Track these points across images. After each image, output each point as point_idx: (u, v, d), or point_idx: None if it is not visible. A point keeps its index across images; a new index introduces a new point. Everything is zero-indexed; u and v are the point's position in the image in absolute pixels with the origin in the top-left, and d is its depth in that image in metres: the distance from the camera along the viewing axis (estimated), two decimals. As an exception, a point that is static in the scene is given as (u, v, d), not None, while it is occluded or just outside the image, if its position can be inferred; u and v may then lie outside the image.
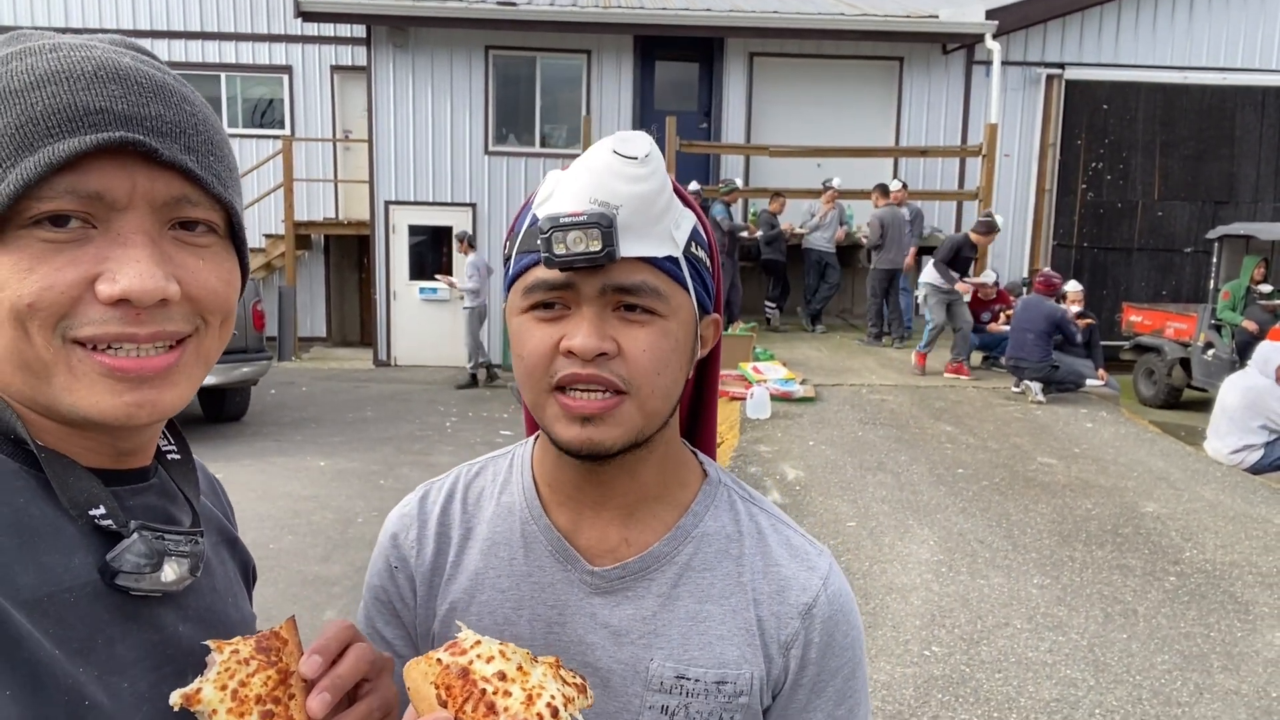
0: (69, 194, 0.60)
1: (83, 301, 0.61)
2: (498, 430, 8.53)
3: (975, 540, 4.95)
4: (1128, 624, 4.06)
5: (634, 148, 0.77)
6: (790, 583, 0.86)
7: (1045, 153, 12.54)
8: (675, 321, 0.79)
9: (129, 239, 0.62)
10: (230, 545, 0.84)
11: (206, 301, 0.66)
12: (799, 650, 0.85)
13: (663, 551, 0.86)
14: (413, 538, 0.93)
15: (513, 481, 0.93)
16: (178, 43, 13.50)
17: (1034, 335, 7.84)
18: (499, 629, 0.86)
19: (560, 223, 0.74)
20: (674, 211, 0.79)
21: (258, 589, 0.80)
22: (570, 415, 0.77)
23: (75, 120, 0.60)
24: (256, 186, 13.23)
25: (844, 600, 0.88)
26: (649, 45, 12.17)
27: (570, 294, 0.76)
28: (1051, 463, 6.32)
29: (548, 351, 0.77)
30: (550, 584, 0.87)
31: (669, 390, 0.80)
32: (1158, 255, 12.97)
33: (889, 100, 12.35)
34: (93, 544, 0.63)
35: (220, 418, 8.65)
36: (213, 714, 0.60)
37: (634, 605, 0.85)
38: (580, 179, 0.77)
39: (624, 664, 0.84)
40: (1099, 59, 12.45)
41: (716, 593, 0.86)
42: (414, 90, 12.03)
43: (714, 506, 0.90)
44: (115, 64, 0.64)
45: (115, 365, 0.62)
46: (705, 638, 0.84)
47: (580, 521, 0.87)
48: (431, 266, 12.43)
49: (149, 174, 0.63)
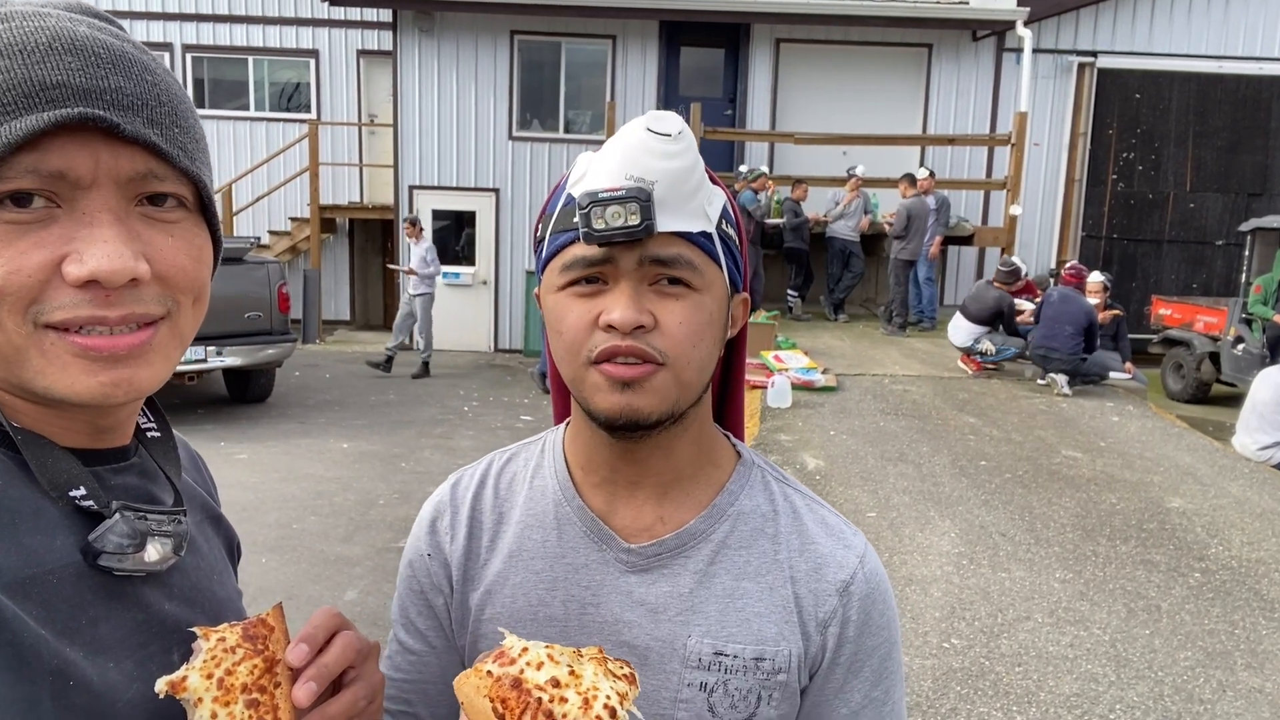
0: (30, 174, 0.58)
1: (51, 285, 0.59)
2: (518, 415, 8.57)
3: (997, 533, 4.92)
4: (1151, 620, 4.02)
5: (667, 125, 0.78)
6: (827, 560, 0.86)
7: (1075, 142, 12.37)
8: (709, 296, 0.80)
9: (95, 218, 0.60)
10: (214, 522, 0.83)
11: (177, 280, 0.65)
12: (836, 628, 0.85)
13: (699, 529, 0.86)
14: (446, 524, 0.93)
15: (544, 466, 0.93)
16: (206, 26, 13.58)
17: (1072, 329, 7.74)
18: (533, 609, 0.87)
19: (599, 198, 0.75)
20: (706, 189, 0.80)
21: (280, 568, 0.80)
22: (611, 383, 0.77)
23: (31, 96, 0.58)
24: (283, 170, 13.31)
25: (880, 579, 0.88)
26: (674, 31, 12.10)
27: (608, 269, 0.77)
28: (1076, 456, 6.26)
29: (587, 326, 0.78)
30: (585, 564, 0.87)
31: (703, 363, 0.81)
32: (1188, 247, 12.77)
33: (917, 88, 12.22)
34: (74, 525, 0.62)
35: (245, 399, 8.73)
36: (198, 702, 0.59)
37: (670, 582, 0.85)
38: (615, 157, 0.78)
39: (661, 641, 0.84)
40: (1132, 47, 12.24)
41: (753, 570, 0.86)
42: (439, 75, 12.04)
43: (749, 486, 0.90)
44: (71, 34, 0.61)
45: (88, 345, 0.61)
46: (743, 614, 0.84)
47: (615, 501, 0.88)
48: (455, 251, 12.47)
49: (112, 150, 0.60)
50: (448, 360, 11.72)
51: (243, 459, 6.68)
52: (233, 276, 7.98)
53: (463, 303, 12.50)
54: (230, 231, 12.64)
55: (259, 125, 13.76)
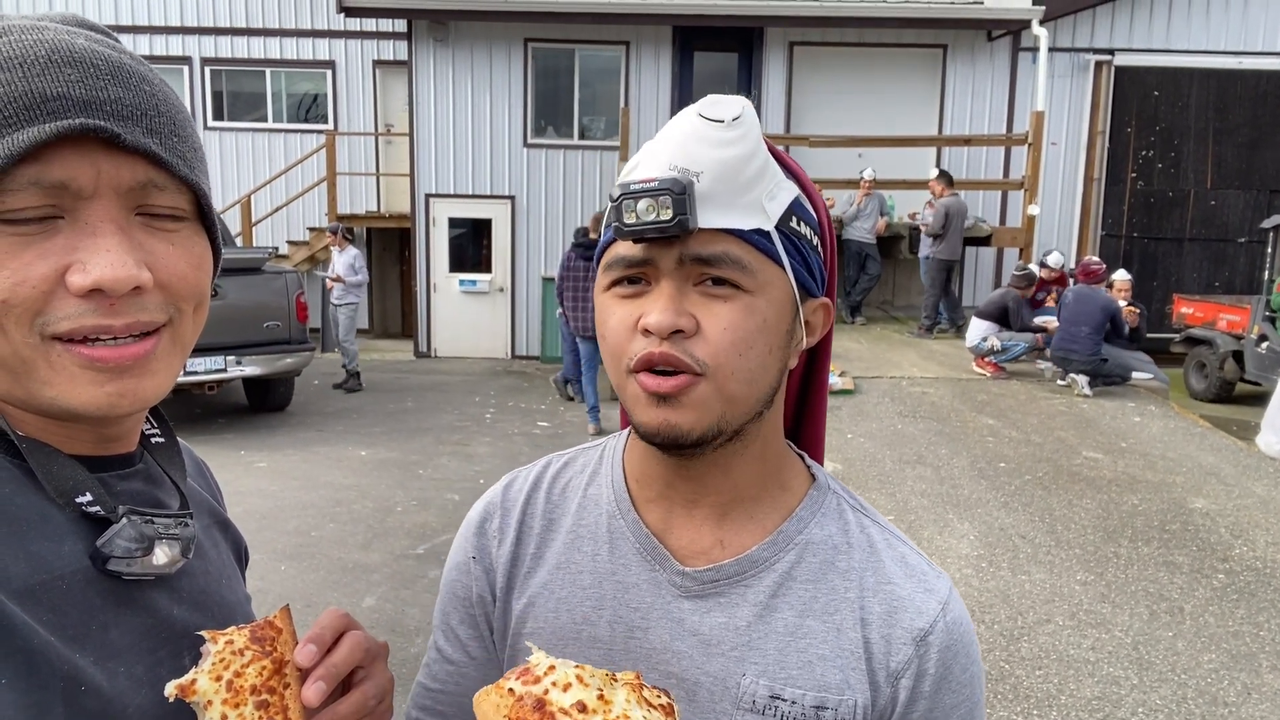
0: (33, 185, 0.58)
1: (55, 295, 0.60)
2: (535, 421, 8.59)
3: (1017, 535, 4.88)
4: (1174, 622, 3.98)
5: (722, 110, 0.71)
6: (904, 604, 0.77)
7: (1094, 141, 12.27)
8: (764, 299, 0.72)
9: (97, 228, 0.60)
10: (222, 527, 0.83)
11: (178, 288, 0.65)
12: (910, 681, 0.76)
13: (761, 556, 0.79)
14: (495, 527, 0.88)
15: (601, 474, 0.87)
16: (224, 39, 13.73)
17: (1089, 329, 7.68)
18: (576, 628, 0.81)
19: (630, 190, 0.69)
20: (768, 181, 0.72)
21: (298, 575, 0.81)
22: (648, 396, 0.71)
23: (32, 109, 0.58)
24: (300, 180, 13.42)
25: (964, 631, 0.78)
26: (688, 36, 12.12)
27: (649, 269, 0.71)
28: (1097, 457, 6.21)
29: (627, 330, 0.72)
30: (635, 584, 0.80)
31: (754, 374, 0.72)
32: (1210, 245, 12.63)
33: (932, 89, 12.17)
34: (82, 531, 0.63)
35: (265, 408, 8.80)
36: (208, 705, 0.59)
37: (726, 613, 0.78)
38: (664, 145, 0.72)
39: (713, 677, 0.77)
40: (1149, 44, 12.13)
41: (820, 607, 0.77)
42: (454, 84, 12.11)
43: (821, 513, 0.81)
44: (69, 46, 0.61)
45: (94, 356, 0.61)
46: (805, 656, 0.76)
47: (671, 520, 0.81)
48: (471, 259, 12.53)
49: (113, 160, 0.61)
50: (464, 367, 11.77)
51: (262, 467, 6.73)
52: (252, 286, 8.05)
53: (479, 310, 12.56)
54: (249, 242, 12.76)
55: (277, 137, 13.89)
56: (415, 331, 12.62)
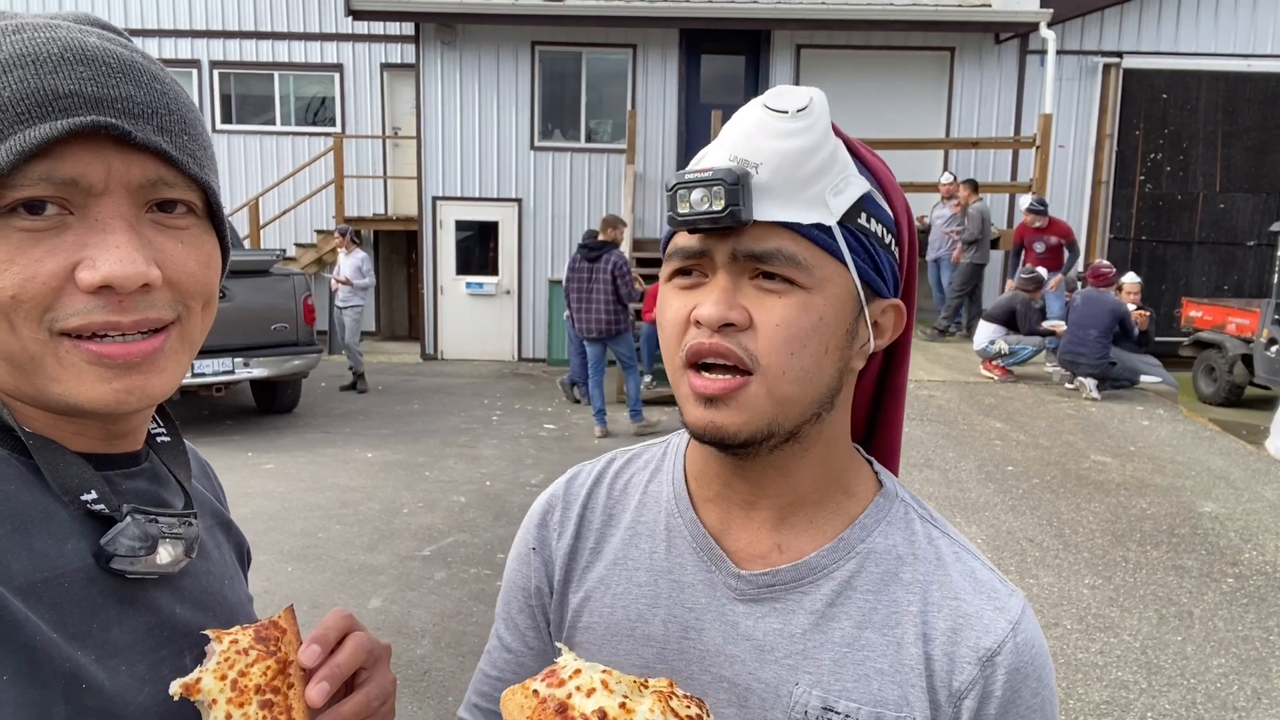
0: (43, 181, 0.59)
1: (65, 292, 0.60)
2: (541, 424, 8.59)
3: (1024, 539, 4.86)
4: (1183, 626, 3.96)
5: (787, 101, 0.70)
6: (971, 621, 0.74)
7: (1102, 144, 12.24)
8: (821, 297, 0.70)
9: (107, 224, 0.61)
10: (225, 528, 0.84)
11: (187, 285, 0.66)
12: (973, 703, 0.72)
13: (820, 563, 0.76)
14: (556, 519, 0.88)
15: (663, 470, 0.86)
16: (232, 42, 13.78)
17: (1097, 332, 7.66)
18: (630, 625, 0.80)
19: (685, 179, 0.68)
20: (834, 175, 0.70)
21: (305, 577, 0.81)
22: (696, 396, 0.71)
23: (44, 105, 0.59)
24: (309, 183, 13.46)
25: (1035, 653, 0.74)
26: (695, 39, 12.12)
27: (706, 261, 0.71)
28: (1105, 461, 6.18)
29: (682, 321, 0.72)
30: (690, 584, 0.79)
31: (807, 374, 0.71)
32: (1219, 249, 12.58)
33: (939, 91, 12.15)
34: (86, 529, 0.63)
35: (272, 410, 8.82)
36: (213, 704, 0.59)
37: (781, 619, 0.76)
38: (727, 135, 0.71)
39: (765, 684, 0.75)
40: (1158, 47, 12.10)
41: (880, 619, 0.75)
42: (461, 87, 12.13)
43: (886, 521, 0.79)
44: (81, 44, 0.62)
45: (103, 353, 0.61)
46: (861, 669, 0.73)
47: (729, 521, 0.80)
48: (478, 261, 12.55)
49: (123, 157, 0.61)
50: (471, 370, 11.78)
51: (270, 469, 6.74)
52: (259, 289, 8.08)
53: (486, 312, 12.57)
54: (257, 244, 12.80)
55: (285, 139, 13.94)
56: (422, 334, 12.65)
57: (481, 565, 4.86)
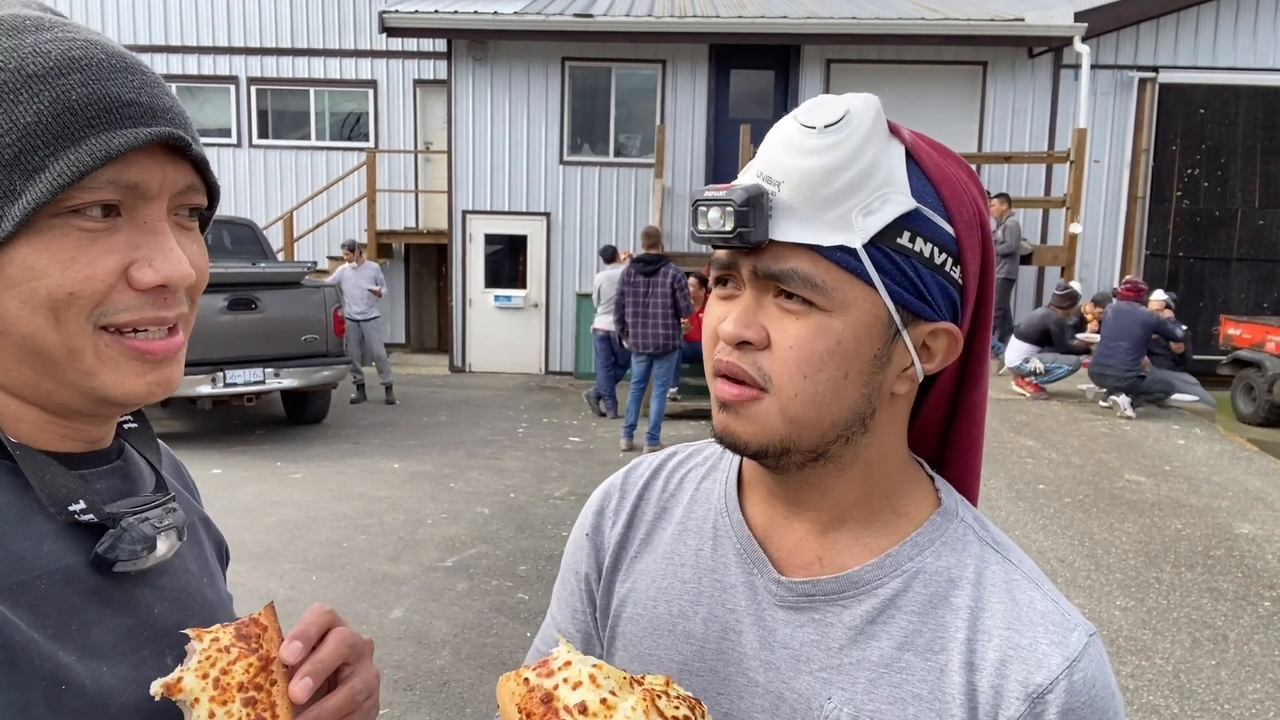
0: (111, 185, 0.61)
1: (116, 289, 0.62)
2: (567, 437, 8.60)
3: (1055, 559, 4.78)
4: (1217, 650, 3.86)
5: (817, 115, 0.67)
6: (1023, 654, 0.68)
7: (1138, 159, 12.07)
8: (841, 320, 0.68)
9: (155, 227, 0.64)
10: (203, 524, 0.84)
11: (200, 284, 0.69)
12: None
13: (863, 578, 0.74)
14: (613, 507, 0.89)
15: (719, 469, 0.87)
16: (269, 59, 14.03)
17: (1128, 344, 7.57)
18: (672, 620, 0.81)
19: (704, 197, 0.69)
20: (867, 193, 0.67)
21: (329, 586, 0.81)
22: (717, 400, 0.73)
23: (112, 112, 0.61)
24: (341, 197, 13.64)
25: (1095, 694, 0.68)
26: (724, 54, 12.15)
27: (736, 274, 0.72)
28: (1140, 480, 6.07)
29: (711, 332, 0.73)
30: (732, 585, 0.79)
31: (821, 398, 0.69)
32: (1258, 265, 12.34)
33: (972, 106, 12.07)
34: (66, 531, 0.63)
35: (302, 420, 8.92)
36: (195, 702, 0.59)
37: (819, 630, 0.74)
38: (762, 150, 0.71)
39: (798, 694, 0.73)
40: (1195, 62, 11.93)
41: (923, 643, 0.71)
42: (492, 102, 12.25)
43: (941, 541, 0.75)
44: (120, 51, 0.65)
45: (145, 348, 0.64)
46: (898, 692, 0.70)
47: (774, 526, 0.79)
48: (507, 275, 12.63)
49: (174, 165, 0.65)
50: (498, 382, 11.83)
51: (298, 478, 6.81)
52: (290, 300, 8.18)
53: (514, 325, 12.63)
54: (291, 256, 12.98)
55: (319, 154, 14.14)
56: (450, 346, 12.74)
57: (503, 577, 4.86)
